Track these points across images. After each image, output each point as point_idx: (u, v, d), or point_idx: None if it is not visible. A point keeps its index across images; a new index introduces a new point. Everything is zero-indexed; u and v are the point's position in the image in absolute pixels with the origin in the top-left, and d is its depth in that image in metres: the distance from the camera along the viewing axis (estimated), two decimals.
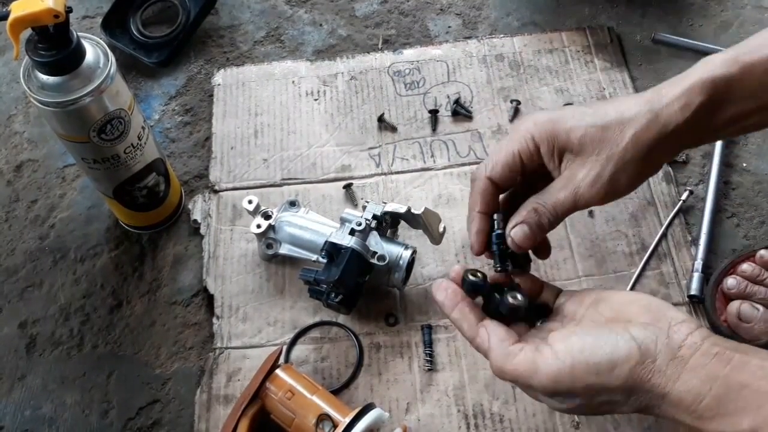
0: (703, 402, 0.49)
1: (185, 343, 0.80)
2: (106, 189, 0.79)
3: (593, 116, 0.59)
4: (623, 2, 1.02)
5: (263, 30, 1.04)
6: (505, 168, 0.61)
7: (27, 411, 0.77)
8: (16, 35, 0.64)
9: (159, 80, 1.00)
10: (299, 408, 0.68)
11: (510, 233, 0.60)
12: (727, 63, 0.57)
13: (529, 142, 0.60)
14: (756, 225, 0.84)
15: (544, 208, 0.59)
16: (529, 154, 0.61)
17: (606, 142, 0.57)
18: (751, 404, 0.48)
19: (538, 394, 0.57)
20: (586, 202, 0.59)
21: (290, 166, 0.90)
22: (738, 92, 0.57)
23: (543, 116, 0.61)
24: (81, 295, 0.84)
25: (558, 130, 0.59)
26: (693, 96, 0.56)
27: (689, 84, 0.57)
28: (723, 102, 0.57)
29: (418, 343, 0.77)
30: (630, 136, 0.57)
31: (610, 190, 0.58)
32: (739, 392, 0.49)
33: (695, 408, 0.50)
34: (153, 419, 0.76)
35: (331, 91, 0.96)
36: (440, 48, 0.99)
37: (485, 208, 0.62)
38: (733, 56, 0.57)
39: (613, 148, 0.57)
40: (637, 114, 0.57)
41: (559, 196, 0.59)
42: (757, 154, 0.89)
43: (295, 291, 0.81)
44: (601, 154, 0.57)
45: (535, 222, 0.60)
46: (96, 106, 0.69)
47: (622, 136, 0.57)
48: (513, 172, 0.62)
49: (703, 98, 0.56)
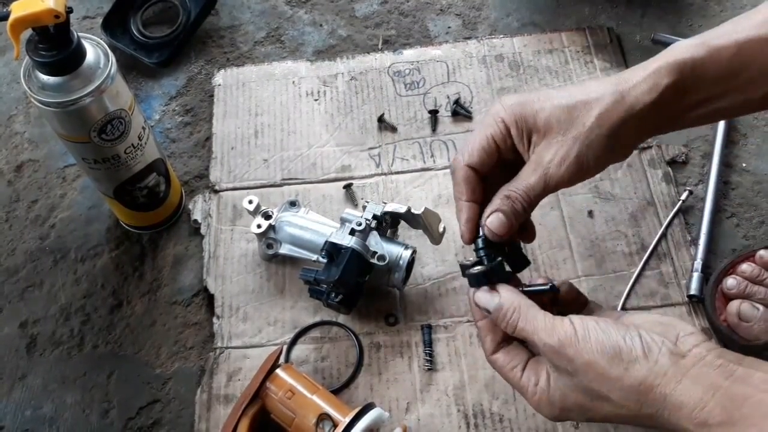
0: (705, 408, 0.49)
1: (185, 343, 0.80)
2: (107, 189, 0.80)
3: (560, 98, 0.59)
4: (623, 2, 1.02)
5: (263, 30, 1.04)
6: (481, 153, 0.61)
7: (27, 411, 0.77)
8: (16, 35, 0.64)
9: (159, 80, 1.00)
10: (299, 408, 0.68)
11: (486, 222, 0.60)
12: (695, 47, 0.57)
13: (500, 124, 0.61)
14: (755, 225, 0.84)
15: (517, 193, 0.59)
16: (502, 137, 0.61)
17: (572, 122, 0.58)
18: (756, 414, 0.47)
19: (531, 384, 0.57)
20: (555, 183, 0.59)
21: (290, 166, 0.90)
22: (705, 75, 0.57)
23: (512, 99, 0.61)
24: (81, 295, 0.84)
25: (526, 112, 0.59)
26: (659, 77, 0.57)
27: (656, 66, 0.57)
28: (690, 85, 0.57)
29: (418, 343, 0.77)
30: (595, 115, 0.57)
31: (578, 170, 0.58)
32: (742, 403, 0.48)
33: (697, 414, 0.49)
34: (153, 419, 0.76)
35: (331, 91, 0.96)
36: (440, 48, 0.99)
37: (471, 196, 0.62)
38: (702, 41, 0.58)
39: (579, 127, 0.57)
40: (603, 94, 0.58)
41: (529, 181, 0.59)
42: (756, 154, 0.89)
43: (295, 291, 0.81)
44: (567, 134, 0.58)
45: (509, 209, 0.60)
46: (96, 107, 0.69)
47: (588, 115, 0.57)
48: (490, 156, 0.61)
49: (670, 80, 0.57)
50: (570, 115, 0.58)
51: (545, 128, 0.59)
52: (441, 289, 0.80)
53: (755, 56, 0.58)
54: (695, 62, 0.57)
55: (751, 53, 0.58)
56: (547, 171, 0.58)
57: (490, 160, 0.62)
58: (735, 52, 0.57)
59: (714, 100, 0.59)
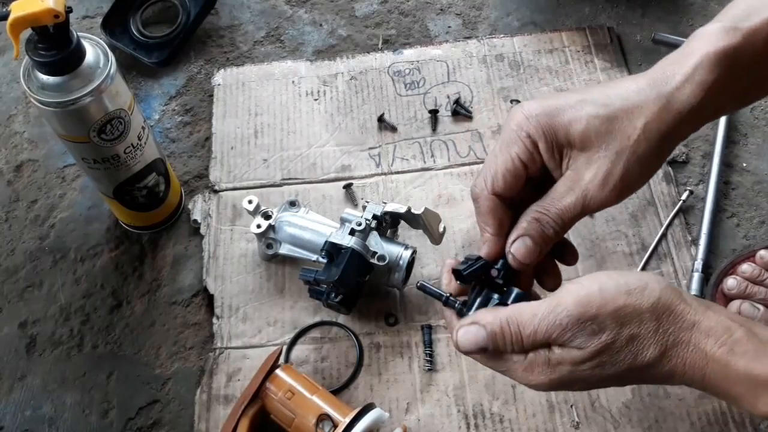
0: (734, 335, 0.48)
1: (185, 343, 0.80)
2: (106, 189, 0.79)
3: (594, 105, 0.52)
4: (623, 2, 1.02)
5: (263, 30, 1.04)
6: (507, 177, 0.54)
7: (27, 411, 0.77)
8: (16, 35, 0.64)
9: (159, 80, 1.00)
10: (299, 408, 0.68)
11: (510, 249, 0.54)
12: (728, 33, 0.52)
13: (525, 140, 0.53)
14: (756, 225, 0.84)
15: (548, 216, 0.53)
16: (529, 156, 0.54)
17: (614, 135, 0.51)
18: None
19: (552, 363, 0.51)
20: (597, 205, 0.53)
21: (290, 166, 0.90)
22: (744, 63, 0.52)
23: (535, 107, 0.53)
24: (81, 295, 0.84)
25: (555, 124, 0.52)
26: (704, 75, 0.51)
27: (696, 62, 0.51)
28: (734, 74, 0.52)
29: (418, 343, 0.77)
30: (641, 126, 0.51)
31: (623, 188, 0.52)
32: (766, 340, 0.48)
33: (726, 339, 0.48)
34: (153, 419, 0.76)
35: (331, 91, 0.96)
36: (440, 48, 0.99)
37: (499, 230, 0.55)
38: (732, 25, 0.53)
39: (623, 141, 0.51)
40: (645, 100, 0.51)
41: (564, 202, 0.53)
42: (757, 154, 0.89)
43: (295, 291, 0.81)
44: (610, 149, 0.51)
45: (538, 233, 0.54)
46: (96, 106, 0.69)
47: (631, 126, 0.51)
48: (518, 179, 0.54)
49: (714, 76, 0.51)
50: (610, 126, 0.51)
51: (581, 143, 0.52)
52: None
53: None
54: (734, 51, 0.51)
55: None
56: (586, 192, 0.52)
57: (518, 183, 0.54)
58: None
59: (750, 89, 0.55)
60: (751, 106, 0.92)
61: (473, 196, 0.56)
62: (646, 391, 0.73)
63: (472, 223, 0.84)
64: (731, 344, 0.48)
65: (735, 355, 0.48)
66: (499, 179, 0.54)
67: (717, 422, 0.71)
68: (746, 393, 0.48)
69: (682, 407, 0.72)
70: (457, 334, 0.54)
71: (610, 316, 0.49)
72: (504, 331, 0.51)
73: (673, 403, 0.72)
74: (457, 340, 0.54)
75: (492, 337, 0.52)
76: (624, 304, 0.49)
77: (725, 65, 0.51)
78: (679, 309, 0.49)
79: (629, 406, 0.72)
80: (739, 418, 0.71)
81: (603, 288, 0.50)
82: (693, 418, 0.72)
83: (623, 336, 0.49)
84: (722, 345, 0.48)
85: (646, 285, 0.50)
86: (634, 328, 0.49)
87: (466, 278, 0.55)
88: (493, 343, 0.52)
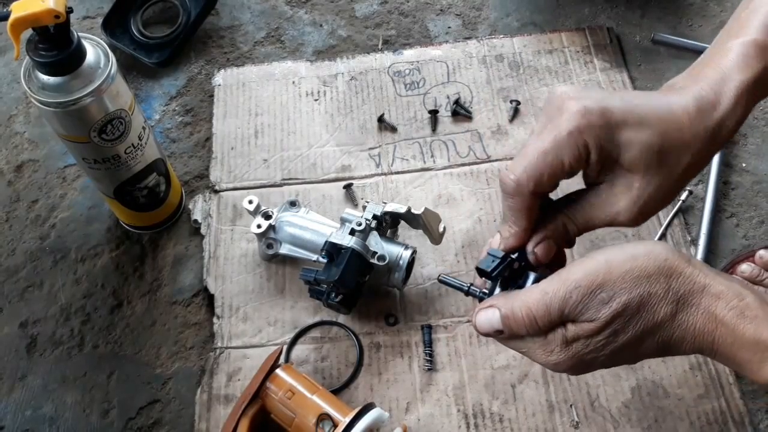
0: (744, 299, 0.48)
1: (186, 343, 0.80)
2: (107, 189, 0.80)
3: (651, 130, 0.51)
4: (623, 2, 1.02)
5: (263, 30, 1.04)
6: (552, 179, 0.52)
7: (28, 411, 0.77)
8: (16, 35, 0.64)
9: (159, 80, 1.00)
10: (299, 408, 0.68)
11: (535, 249, 0.55)
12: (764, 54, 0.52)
13: (582, 150, 0.51)
14: (755, 225, 0.84)
15: (575, 225, 0.55)
16: (579, 163, 0.52)
17: (660, 168, 0.52)
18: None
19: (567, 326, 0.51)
20: (621, 224, 0.54)
21: (290, 166, 0.90)
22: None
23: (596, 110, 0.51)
24: (81, 295, 0.84)
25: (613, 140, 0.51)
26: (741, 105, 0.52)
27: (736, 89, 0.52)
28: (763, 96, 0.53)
29: (418, 343, 0.77)
30: (686, 163, 0.52)
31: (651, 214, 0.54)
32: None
33: (737, 304, 0.48)
34: (153, 419, 0.76)
35: (331, 91, 0.96)
36: (440, 48, 0.99)
37: (528, 225, 0.55)
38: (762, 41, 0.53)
39: (667, 177, 0.52)
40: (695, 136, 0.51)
41: (594, 216, 0.54)
42: (756, 154, 0.89)
43: (295, 291, 0.81)
44: (653, 182, 0.52)
45: (561, 238, 0.55)
46: (96, 107, 0.69)
47: (679, 165, 0.52)
48: (559, 178, 0.53)
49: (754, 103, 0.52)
50: (661, 159, 0.51)
51: (629, 165, 0.52)
52: (441, 289, 0.80)
53: None
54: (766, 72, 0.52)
55: None
56: (618, 215, 0.53)
57: (557, 182, 0.54)
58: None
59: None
60: None
61: (507, 188, 0.53)
62: (645, 390, 0.73)
63: (472, 223, 0.84)
64: (742, 308, 0.48)
65: (745, 319, 0.48)
66: (545, 180, 0.53)
67: (716, 422, 0.71)
68: (752, 358, 0.48)
69: (681, 407, 0.72)
70: (475, 318, 0.55)
71: (619, 281, 0.49)
72: (515, 312, 0.52)
73: (673, 403, 0.73)
74: (475, 323, 0.55)
75: (505, 319, 0.53)
76: (631, 268, 0.49)
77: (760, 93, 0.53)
78: (688, 271, 0.49)
79: (629, 406, 0.73)
80: (739, 418, 0.71)
81: (609, 258, 0.50)
82: (692, 417, 0.72)
83: (633, 301, 0.49)
84: (732, 309, 0.48)
85: (652, 250, 0.50)
86: (643, 291, 0.49)
87: (494, 277, 0.56)
88: (506, 324, 0.53)
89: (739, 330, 0.48)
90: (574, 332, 0.51)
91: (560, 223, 0.55)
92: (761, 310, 0.48)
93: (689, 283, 0.49)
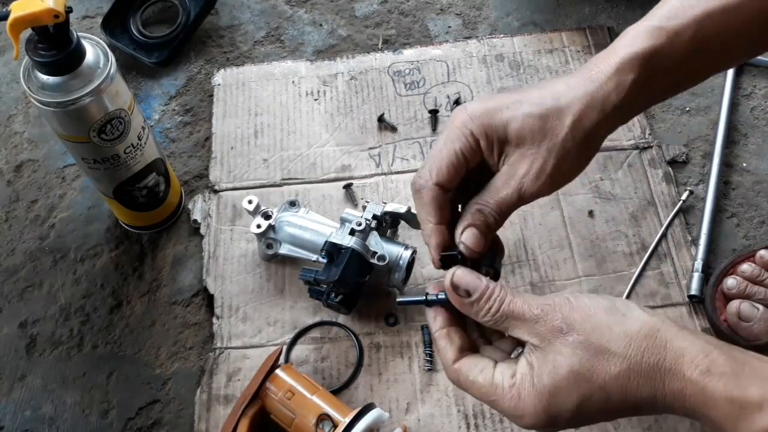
0: (709, 356, 0.47)
1: (185, 343, 0.80)
2: (106, 189, 0.79)
3: (530, 104, 0.56)
4: (623, 2, 1.02)
5: (263, 30, 1.04)
6: (450, 170, 0.57)
7: (27, 411, 0.77)
8: (16, 35, 0.64)
9: (159, 80, 1.00)
10: (299, 408, 0.68)
11: (461, 239, 0.57)
12: (653, 33, 0.56)
13: (469, 138, 0.57)
14: (756, 225, 0.84)
15: (489, 207, 0.57)
16: (471, 151, 0.57)
17: (545, 133, 0.55)
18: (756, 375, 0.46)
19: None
20: (531, 195, 0.57)
21: (290, 166, 0.90)
22: (667, 62, 0.56)
23: (478, 108, 0.57)
24: (81, 295, 0.84)
25: (495, 123, 0.56)
26: (624, 74, 0.55)
27: (618, 61, 0.55)
28: (654, 74, 0.56)
29: (418, 343, 0.77)
30: (568, 125, 0.55)
31: (555, 181, 0.56)
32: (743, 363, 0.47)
33: (701, 361, 0.47)
34: (153, 419, 0.76)
35: (331, 91, 0.96)
36: (440, 48, 0.99)
37: (441, 219, 0.58)
38: (658, 23, 0.56)
39: (553, 138, 0.55)
40: (573, 99, 0.55)
41: (502, 194, 0.57)
42: (757, 154, 0.89)
43: (295, 291, 0.81)
44: (542, 146, 0.55)
45: (482, 223, 0.57)
46: (96, 106, 0.69)
47: (561, 125, 0.55)
48: (459, 172, 0.58)
49: (634, 76, 0.55)
50: (543, 124, 0.55)
51: (517, 139, 0.56)
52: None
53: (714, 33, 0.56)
54: (656, 52, 0.55)
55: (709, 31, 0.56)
56: (521, 185, 0.56)
57: (459, 175, 0.58)
58: (693, 34, 0.56)
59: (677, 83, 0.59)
60: (751, 106, 0.92)
61: (416, 187, 0.59)
62: None
63: None
64: (707, 365, 0.47)
65: (712, 377, 0.47)
66: (443, 171, 0.57)
67: None
68: (726, 417, 0.47)
69: None
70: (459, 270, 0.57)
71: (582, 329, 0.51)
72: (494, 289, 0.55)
73: None
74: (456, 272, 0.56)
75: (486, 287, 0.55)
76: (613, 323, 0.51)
77: (644, 67, 0.55)
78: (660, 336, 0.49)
79: None
80: None
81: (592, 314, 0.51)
82: None
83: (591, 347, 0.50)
84: (697, 366, 0.47)
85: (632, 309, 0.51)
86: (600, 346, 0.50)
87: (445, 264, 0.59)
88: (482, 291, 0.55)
89: (708, 389, 0.47)
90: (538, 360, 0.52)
91: (475, 210, 0.57)
92: (729, 365, 0.46)
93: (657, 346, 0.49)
